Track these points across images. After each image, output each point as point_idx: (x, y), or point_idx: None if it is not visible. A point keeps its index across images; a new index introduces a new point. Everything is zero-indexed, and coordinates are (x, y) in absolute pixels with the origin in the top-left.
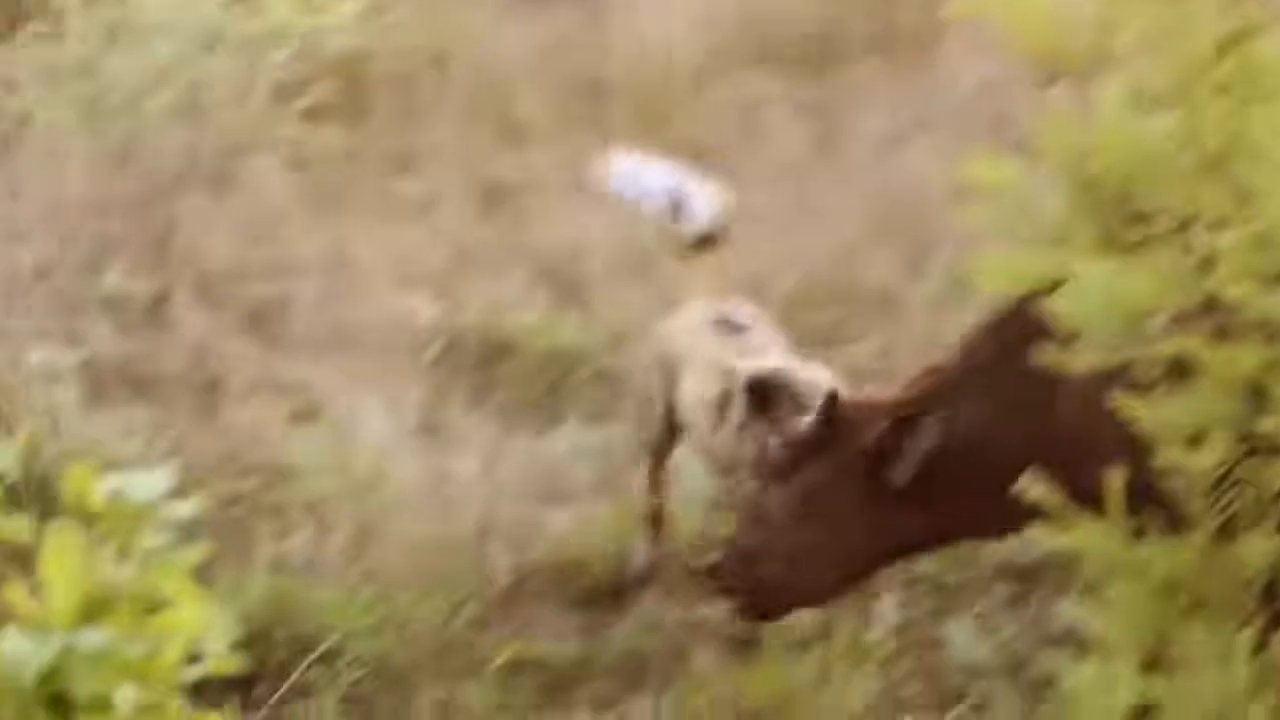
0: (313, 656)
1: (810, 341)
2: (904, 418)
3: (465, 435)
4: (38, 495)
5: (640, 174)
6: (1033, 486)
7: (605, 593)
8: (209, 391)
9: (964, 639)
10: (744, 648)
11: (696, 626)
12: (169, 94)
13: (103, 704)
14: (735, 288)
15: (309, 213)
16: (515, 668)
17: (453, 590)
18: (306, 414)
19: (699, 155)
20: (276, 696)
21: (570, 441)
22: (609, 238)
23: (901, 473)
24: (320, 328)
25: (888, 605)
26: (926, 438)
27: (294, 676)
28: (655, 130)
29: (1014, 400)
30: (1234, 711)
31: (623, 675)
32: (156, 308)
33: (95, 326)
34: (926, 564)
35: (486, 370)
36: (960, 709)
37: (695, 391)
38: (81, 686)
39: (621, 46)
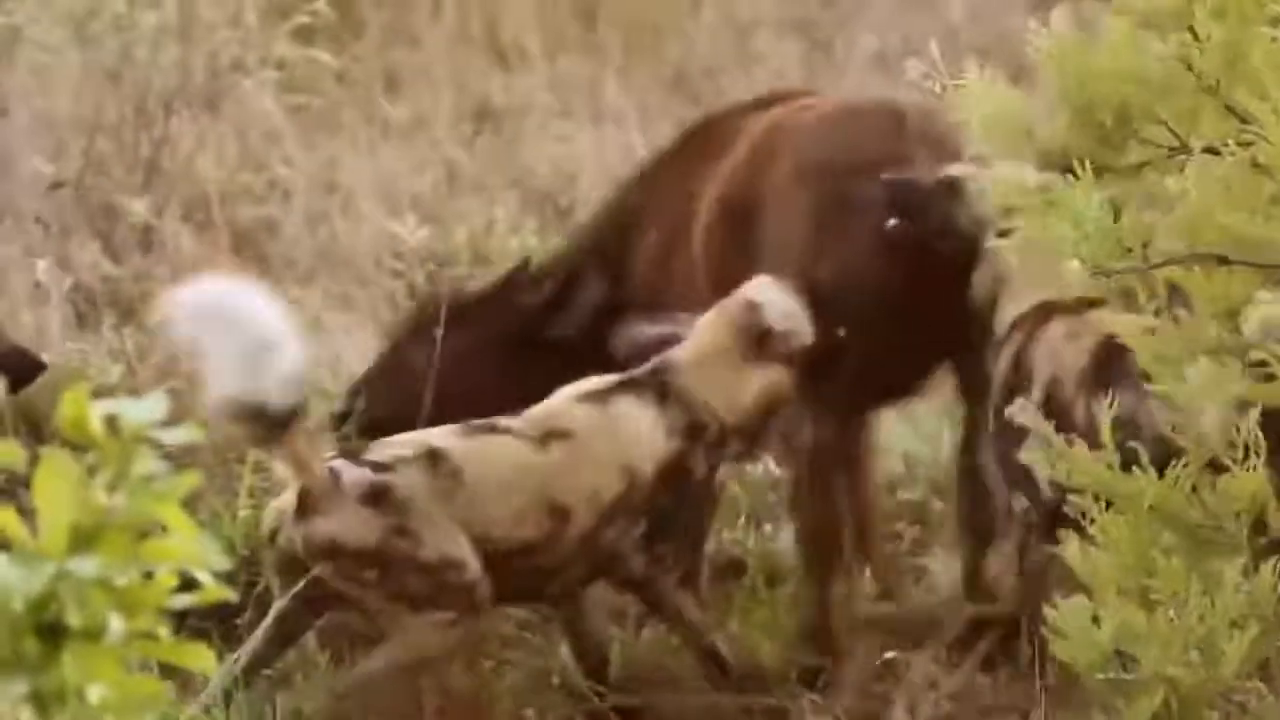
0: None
1: None
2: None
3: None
4: (24, 419)
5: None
6: (1022, 412)
7: None
8: None
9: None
10: (724, 579)
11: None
12: (160, 13)
13: (94, 632)
14: None
15: (299, 134)
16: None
17: None
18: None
19: (691, 78)
20: (260, 627)
21: None
22: (598, 161)
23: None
24: (309, 250)
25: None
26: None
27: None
28: (646, 53)
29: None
30: (1219, 644)
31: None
32: (145, 229)
33: (83, 248)
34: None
35: None
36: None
37: None
38: (72, 614)
39: None
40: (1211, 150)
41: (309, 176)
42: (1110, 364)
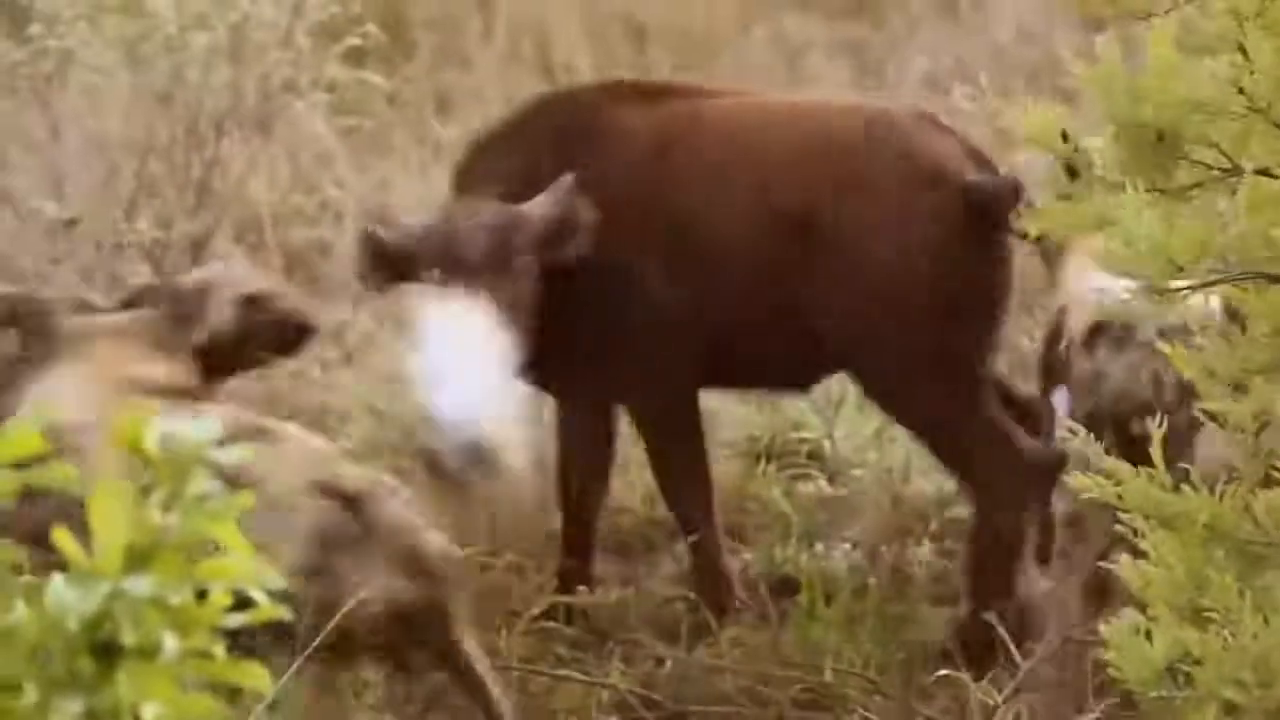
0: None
1: None
2: None
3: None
4: None
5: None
6: (1076, 438)
7: (641, 541)
8: None
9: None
10: (777, 597)
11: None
12: (211, 35)
13: (148, 651)
14: None
15: (350, 156)
16: (551, 616)
17: (491, 538)
18: (347, 359)
19: None
20: (314, 645)
21: None
22: None
23: None
24: None
25: (923, 551)
26: None
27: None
28: (695, 73)
29: None
30: (1274, 662)
31: (657, 625)
32: (196, 251)
33: (135, 270)
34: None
35: None
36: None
37: None
38: (127, 633)
39: None
40: (1264, 171)
41: (360, 198)
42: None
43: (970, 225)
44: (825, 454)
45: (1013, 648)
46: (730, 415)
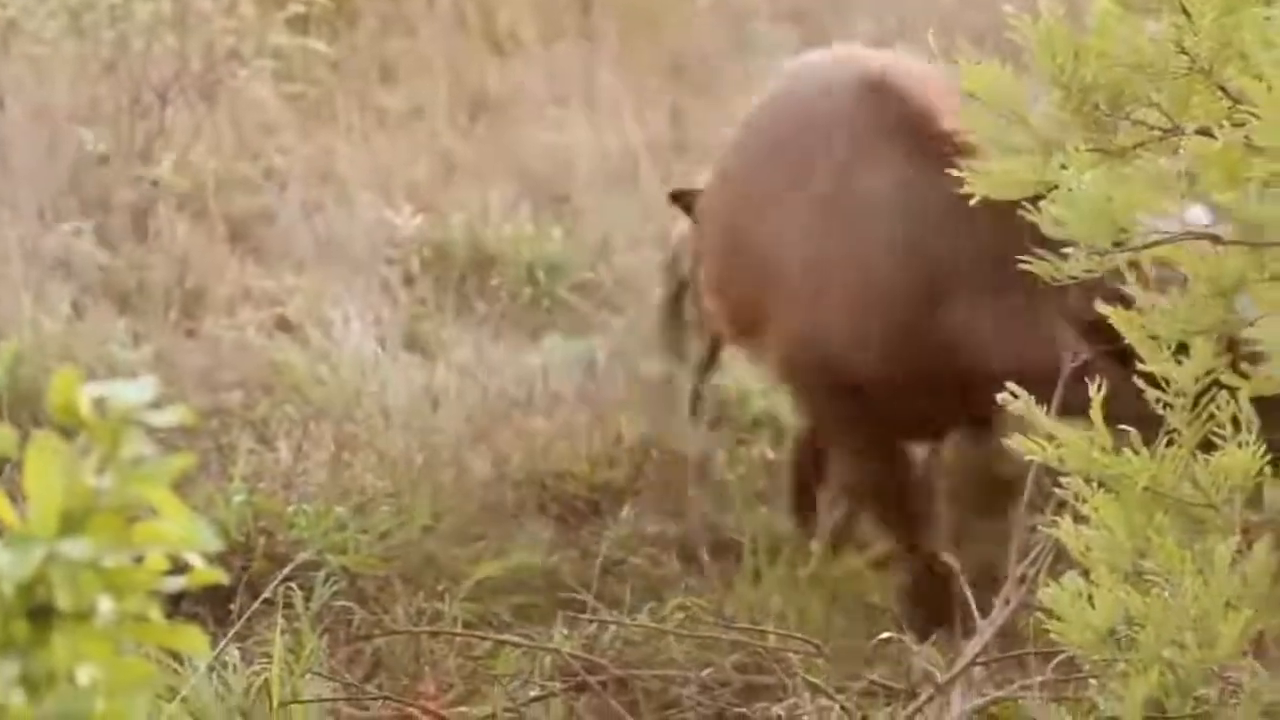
0: (287, 569)
1: None
2: None
3: (448, 347)
4: (22, 407)
5: None
6: (1015, 401)
7: (586, 505)
8: (192, 303)
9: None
10: (722, 562)
11: (676, 539)
12: (155, 3)
13: (84, 614)
14: None
15: (295, 123)
16: (493, 581)
17: (433, 503)
18: (290, 327)
19: (687, 67)
20: (252, 609)
21: (554, 353)
22: (594, 148)
23: None
24: (304, 240)
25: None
26: None
27: (268, 589)
28: (642, 40)
29: None
30: (1214, 624)
31: (602, 588)
32: (141, 219)
33: (79, 238)
34: None
35: (470, 282)
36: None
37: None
38: (63, 597)
39: None
40: (1205, 131)
41: (305, 165)
42: None
43: None
44: (770, 419)
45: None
46: (673, 380)
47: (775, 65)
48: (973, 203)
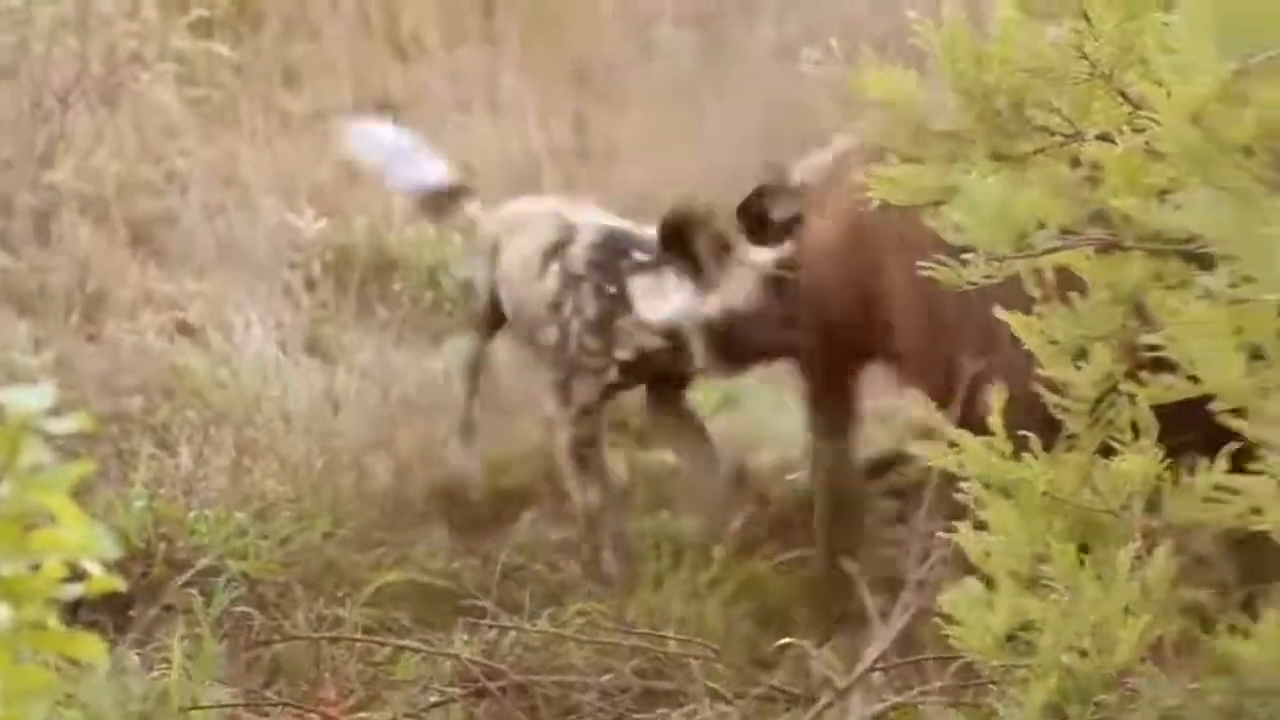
0: (188, 575)
1: None
2: None
3: (350, 351)
4: None
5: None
6: (915, 407)
7: (487, 510)
8: (93, 308)
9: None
10: (623, 567)
11: (575, 546)
12: (57, 6)
13: None
14: (624, 205)
15: (197, 127)
16: (394, 587)
17: (334, 508)
18: (191, 331)
19: (590, 72)
20: (151, 615)
21: (456, 358)
22: (497, 153)
23: None
24: (206, 243)
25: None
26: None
27: (167, 596)
28: (545, 44)
29: None
30: (1111, 632)
31: (503, 594)
32: (42, 222)
33: None
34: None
35: (372, 286)
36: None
37: (521, 249)
38: None
39: None
40: (1106, 137)
41: (207, 169)
42: None
43: None
44: None
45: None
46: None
47: (679, 70)
48: None
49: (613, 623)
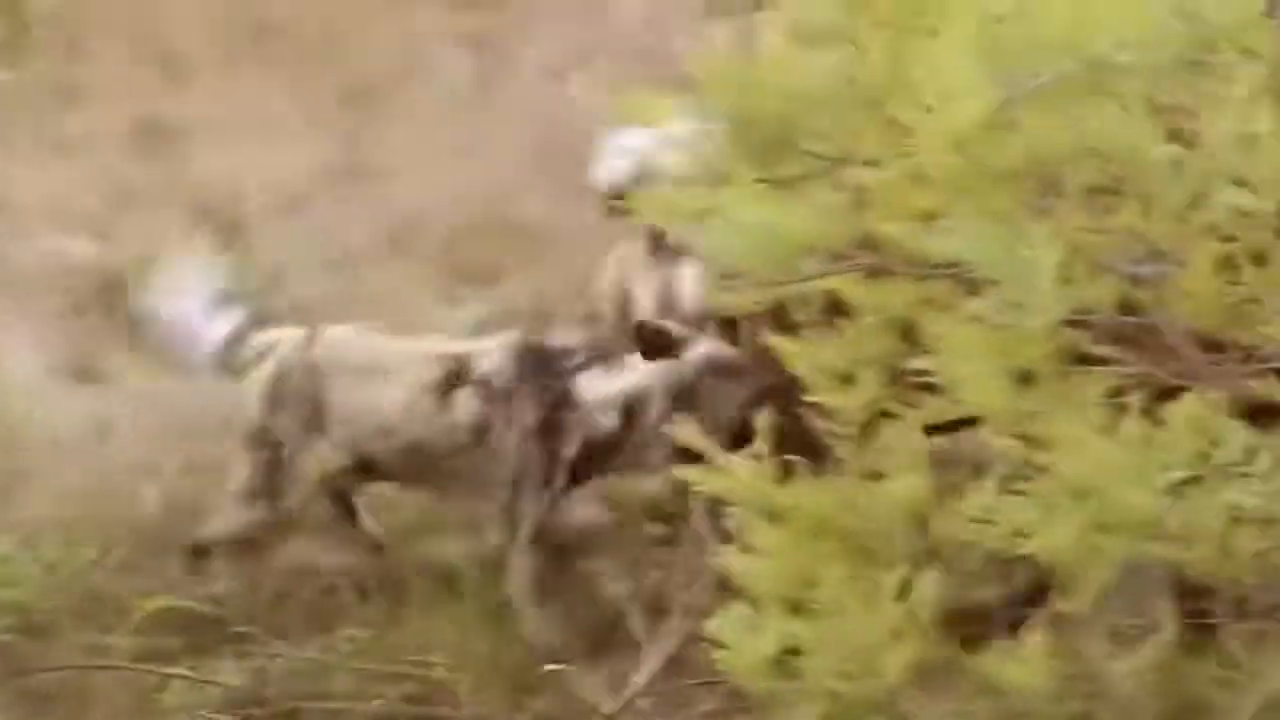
0: None
1: (470, 279)
2: None
3: (120, 377)
4: None
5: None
6: (682, 429)
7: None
8: None
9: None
10: (394, 594)
11: (346, 571)
12: None
13: None
14: (394, 226)
15: None
16: (163, 614)
17: (101, 537)
18: None
19: (364, 91)
20: None
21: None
22: (269, 175)
23: None
24: None
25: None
26: None
27: None
28: (317, 65)
29: None
30: (878, 655)
31: (272, 620)
32: None
33: None
34: None
35: None
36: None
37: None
38: None
39: None
40: (873, 163)
41: None
42: None
43: None
44: None
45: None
46: None
47: (453, 88)
48: None
49: (382, 649)
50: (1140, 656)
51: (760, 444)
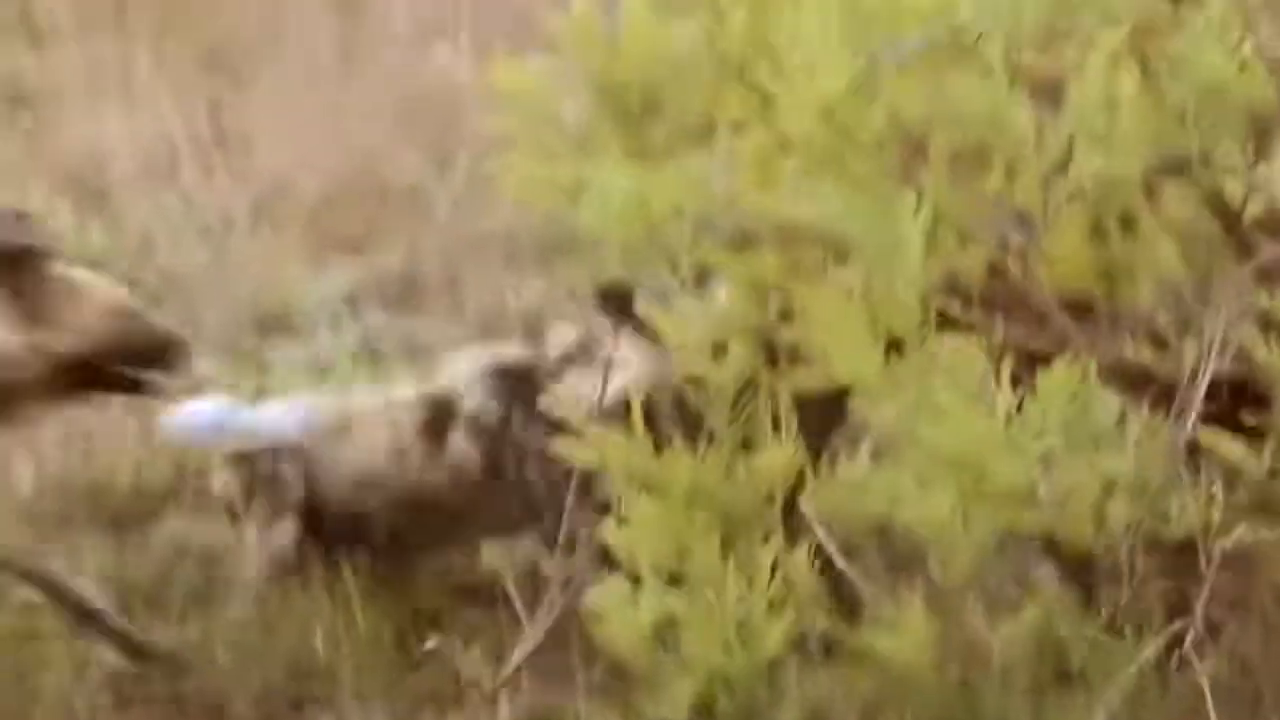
0: None
1: (338, 246)
2: None
3: None
4: None
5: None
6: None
7: (132, 513)
8: None
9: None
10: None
11: (226, 549)
12: None
13: None
14: (261, 193)
15: None
16: (41, 594)
17: None
18: None
19: (224, 55)
20: None
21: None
22: (131, 142)
23: None
24: None
25: None
26: None
27: None
28: (179, 30)
29: None
30: (754, 626)
31: (152, 598)
32: None
33: None
34: None
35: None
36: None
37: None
38: None
39: None
40: (738, 130)
41: None
42: None
43: None
44: None
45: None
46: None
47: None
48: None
49: (261, 626)
50: (1019, 624)
51: (635, 415)
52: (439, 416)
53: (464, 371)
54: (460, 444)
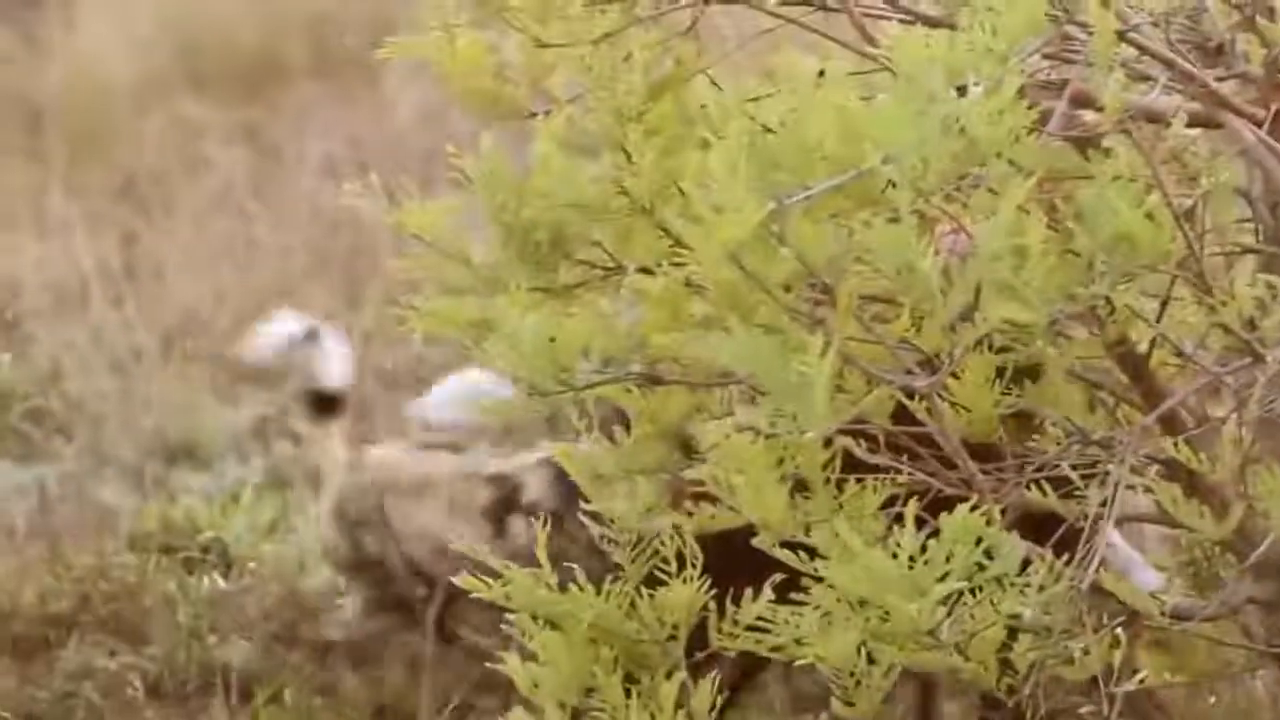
0: None
1: (249, 377)
2: None
3: None
4: None
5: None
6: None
7: (37, 638)
8: None
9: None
10: (184, 693)
11: (128, 669)
12: None
13: None
14: (171, 325)
15: None
16: None
17: None
18: None
19: (137, 185)
20: None
21: (4, 481)
22: (43, 272)
23: None
24: None
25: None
26: None
27: None
28: (92, 159)
29: None
30: None
31: None
32: None
33: None
34: None
35: None
36: None
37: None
38: None
39: (56, 71)
40: (646, 271)
41: None
42: None
43: None
44: (220, 547)
45: None
46: (123, 507)
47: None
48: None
49: None
50: None
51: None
52: (504, 498)
53: (525, 459)
54: (520, 528)
